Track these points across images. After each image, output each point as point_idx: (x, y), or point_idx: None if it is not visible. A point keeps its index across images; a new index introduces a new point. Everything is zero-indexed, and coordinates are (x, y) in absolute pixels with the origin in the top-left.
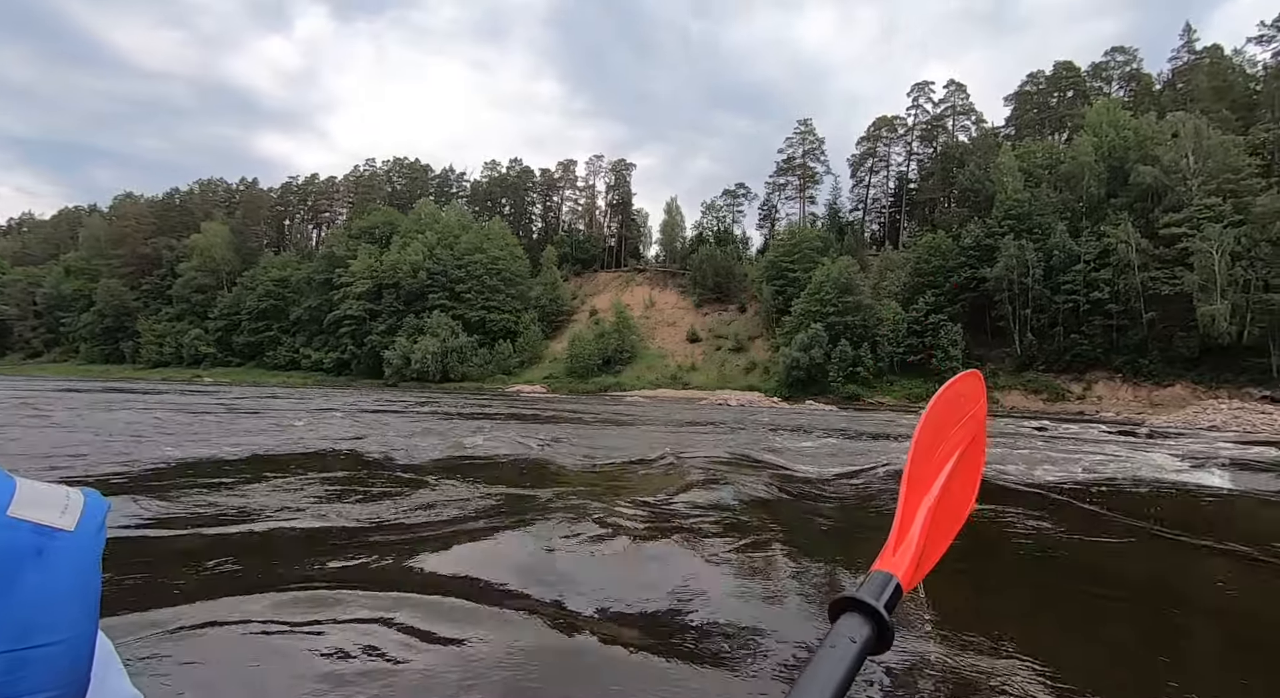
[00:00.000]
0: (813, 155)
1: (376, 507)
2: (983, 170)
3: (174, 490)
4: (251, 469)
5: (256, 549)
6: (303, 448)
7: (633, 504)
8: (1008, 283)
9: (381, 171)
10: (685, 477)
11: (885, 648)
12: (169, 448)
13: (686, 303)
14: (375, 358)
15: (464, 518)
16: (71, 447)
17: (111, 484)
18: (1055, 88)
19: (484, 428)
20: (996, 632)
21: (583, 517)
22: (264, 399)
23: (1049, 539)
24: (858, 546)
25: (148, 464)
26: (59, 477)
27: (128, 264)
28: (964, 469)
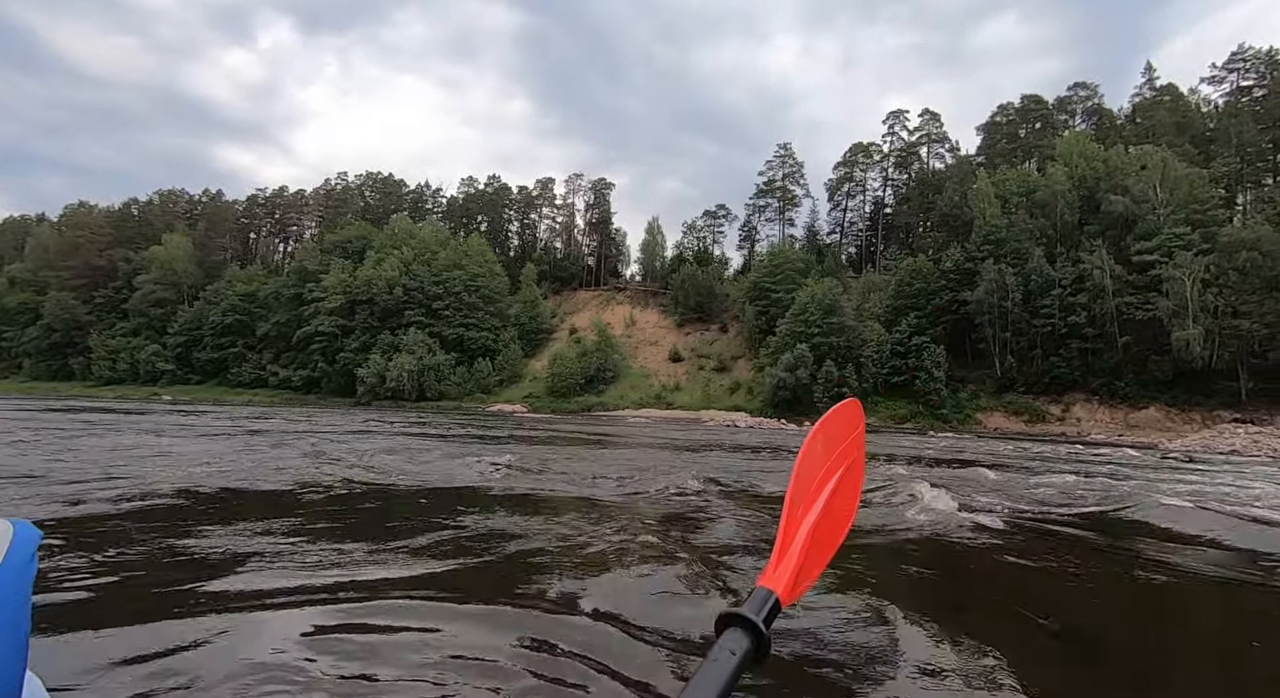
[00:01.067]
0: (792, 178)
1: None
2: (961, 196)
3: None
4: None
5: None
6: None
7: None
8: (988, 306)
9: (354, 185)
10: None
11: (763, 660)
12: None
13: (668, 322)
14: (347, 376)
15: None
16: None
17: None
18: (1024, 119)
19: (486, 452)
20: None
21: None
22: (253, 420)
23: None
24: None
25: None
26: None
27: (80, 276)
28: (844, 490)
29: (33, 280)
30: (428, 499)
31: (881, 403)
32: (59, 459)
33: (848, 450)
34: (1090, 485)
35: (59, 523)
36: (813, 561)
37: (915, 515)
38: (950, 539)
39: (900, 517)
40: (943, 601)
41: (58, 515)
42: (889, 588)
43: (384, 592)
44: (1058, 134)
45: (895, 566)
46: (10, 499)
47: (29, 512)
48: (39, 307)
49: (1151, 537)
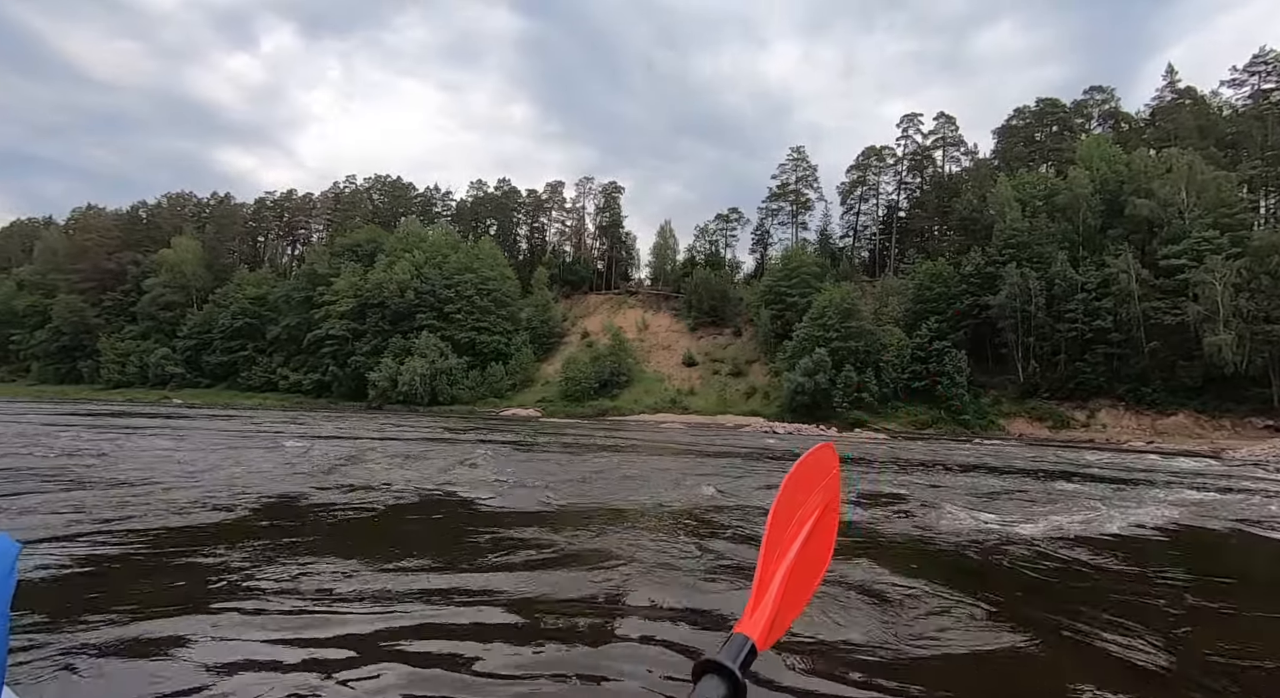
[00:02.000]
0: (805, 182)
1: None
2: (980, 199)
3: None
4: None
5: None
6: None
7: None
8: (1011, 311)
9: (362, 189)
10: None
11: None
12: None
13: (681, 326)
14: (358, 379)
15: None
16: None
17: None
18: (1040, 123)
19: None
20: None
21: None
22: (277, 423)
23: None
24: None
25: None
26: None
27: (88, 279)
28: (819, 534)
29: (41, 283)
30: (506, 524)
31: (902, 408)
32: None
33: (822, 495)
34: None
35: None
36: (788, 606)
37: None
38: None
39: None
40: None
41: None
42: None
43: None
44: (1075, 137)
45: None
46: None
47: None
48: (48, 310)
49: None
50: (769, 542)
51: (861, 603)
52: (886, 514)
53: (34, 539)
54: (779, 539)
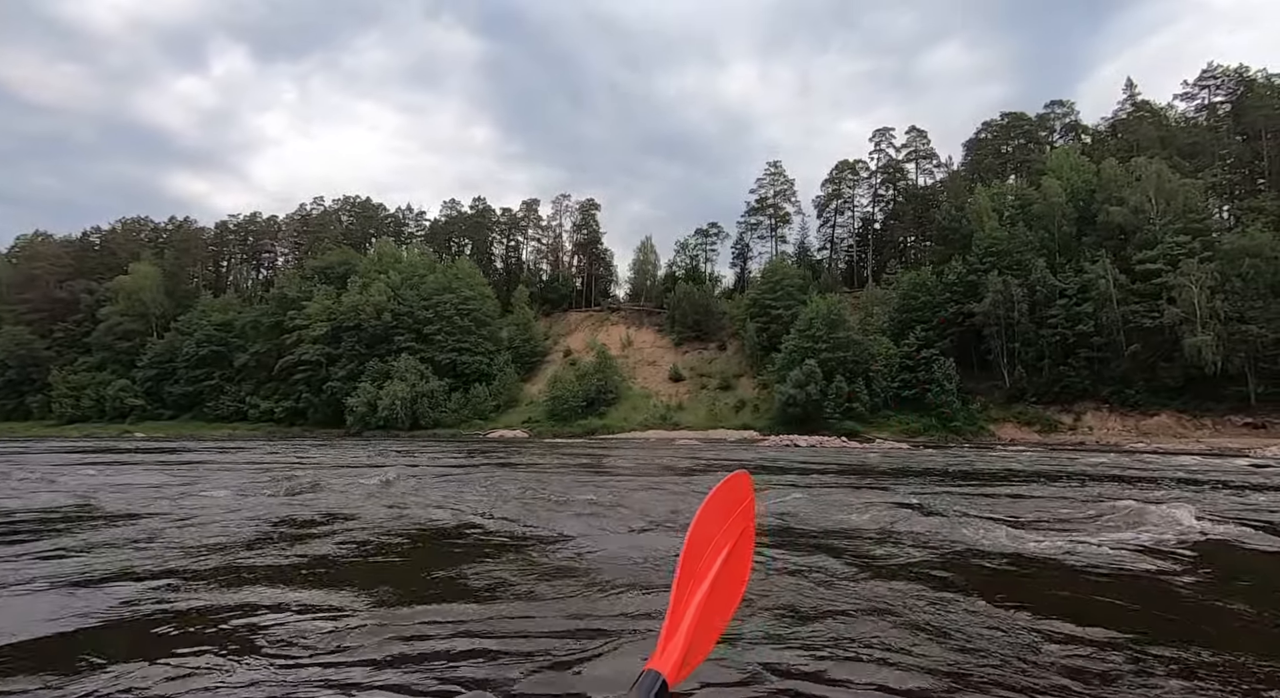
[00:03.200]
0: (783, 196)
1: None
2: (958, 210)
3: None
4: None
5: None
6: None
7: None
8: (995, 318)
9: (332, 210)
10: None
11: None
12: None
13: (665, 341)
14: (335, 405)
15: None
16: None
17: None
18: (1007, 136)
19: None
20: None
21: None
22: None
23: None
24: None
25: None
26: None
27: (37, 309)
28: (734, 563)
29: None
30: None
31: (894, 417)
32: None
33: (737, 522)
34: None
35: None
36: (703, 636)
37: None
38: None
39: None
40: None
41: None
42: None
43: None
44: (1041, 149)
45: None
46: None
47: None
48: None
49: None
50: (682, 574)
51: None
52: (948, 529)
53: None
54: (692, 571)
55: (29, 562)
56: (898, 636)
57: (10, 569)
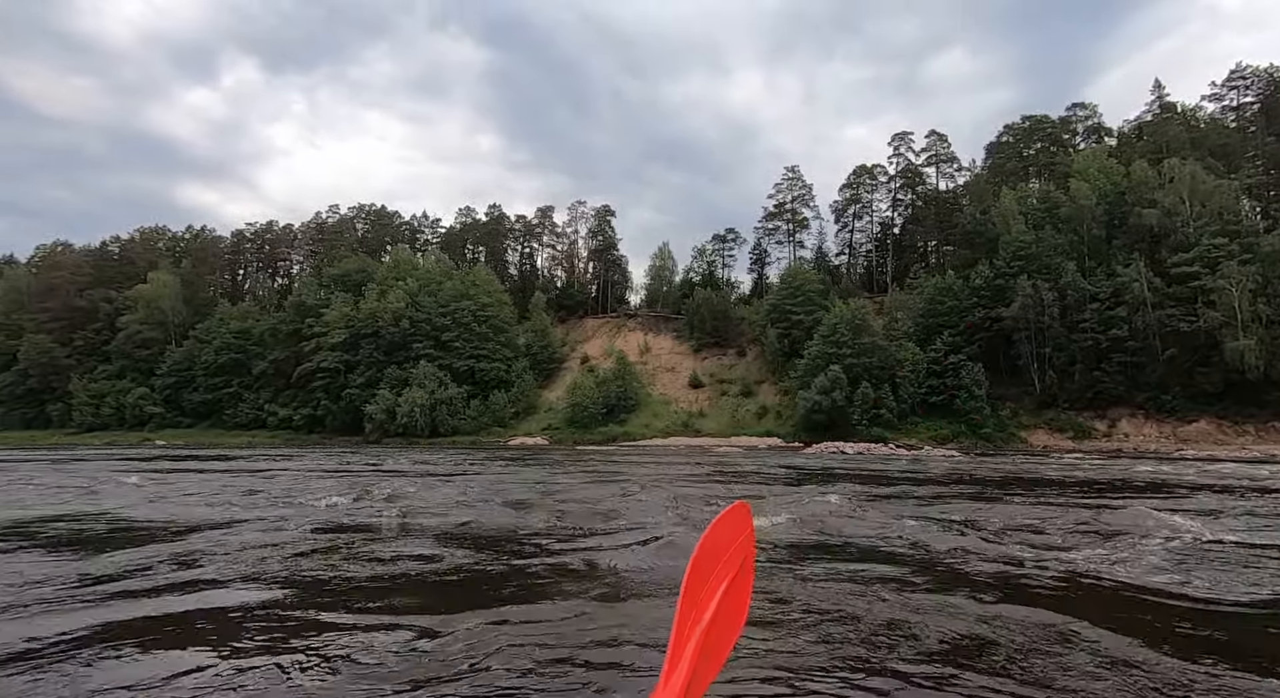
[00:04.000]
0: (801, 201)
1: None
2: (983, 214)
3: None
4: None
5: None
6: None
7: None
8: (1024, 322)
9: (347, 217)
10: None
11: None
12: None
13: (684, 348)
14: (353, 413)
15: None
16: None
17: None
18: (1028, 139)
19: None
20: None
21: None
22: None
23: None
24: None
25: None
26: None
27: (57, 318)
28: (733, 596)
29: (4, 324)
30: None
31: (921, 424)
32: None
33: (737, 553)
34: None
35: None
36: (703, 672)
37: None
38: None
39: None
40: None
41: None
42: None
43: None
44: (1065, 152)
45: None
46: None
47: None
48: (13, 351)
49: None
50: (683, 610)
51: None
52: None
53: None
54: (693, 605)
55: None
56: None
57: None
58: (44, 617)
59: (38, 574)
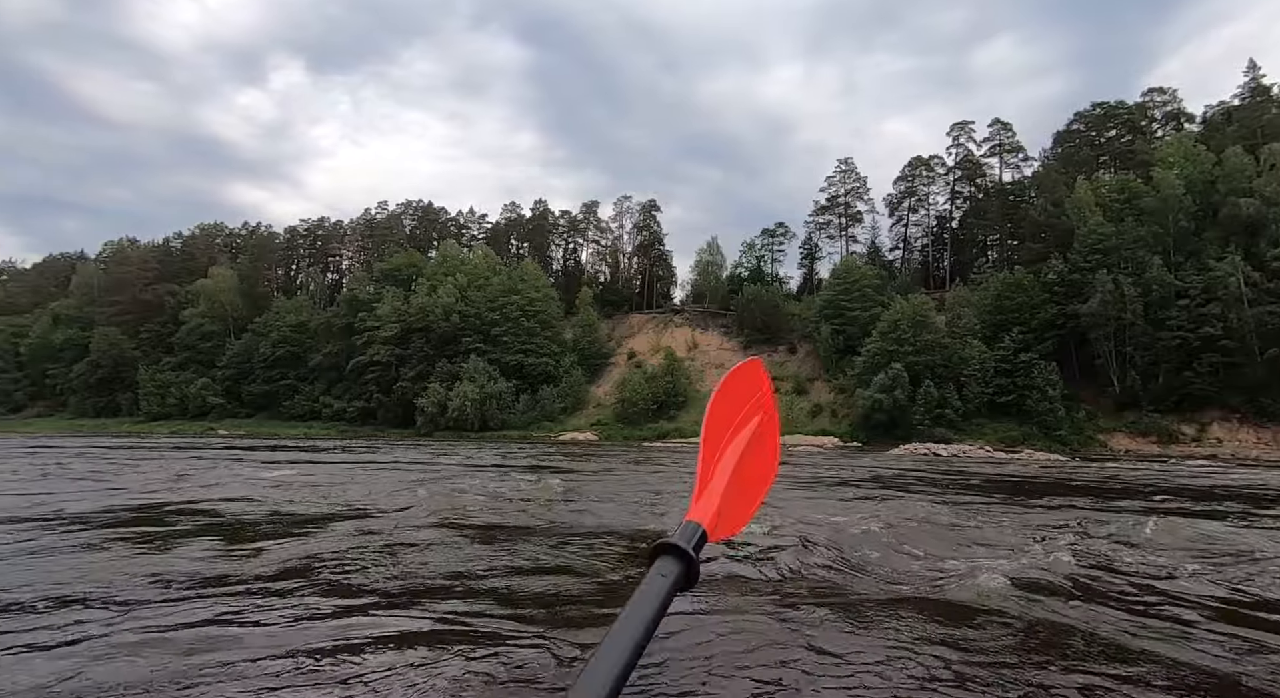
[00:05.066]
0: (855, 194)
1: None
2: (1055, 205)
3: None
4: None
5: None
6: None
7: None
8: (1104, 319)
9: (395, 213)
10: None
11: (693, 584)
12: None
13: (732, 344)
14: (405, 406)
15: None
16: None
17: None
18: (1101, 126)
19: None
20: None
21: None
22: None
23: None
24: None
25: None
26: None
27: (126, 311)
28: (761, 441)
29: (78, 317)
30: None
31: (987, 426)
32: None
33: (757, 405)
34: None
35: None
36: (737, 503)
37: None
38: None
39: None
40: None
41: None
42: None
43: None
44: (1144, 139)
45: None
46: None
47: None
48: (85, 343)
49: None
50: (707, 440)
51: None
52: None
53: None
54: (717, 439)
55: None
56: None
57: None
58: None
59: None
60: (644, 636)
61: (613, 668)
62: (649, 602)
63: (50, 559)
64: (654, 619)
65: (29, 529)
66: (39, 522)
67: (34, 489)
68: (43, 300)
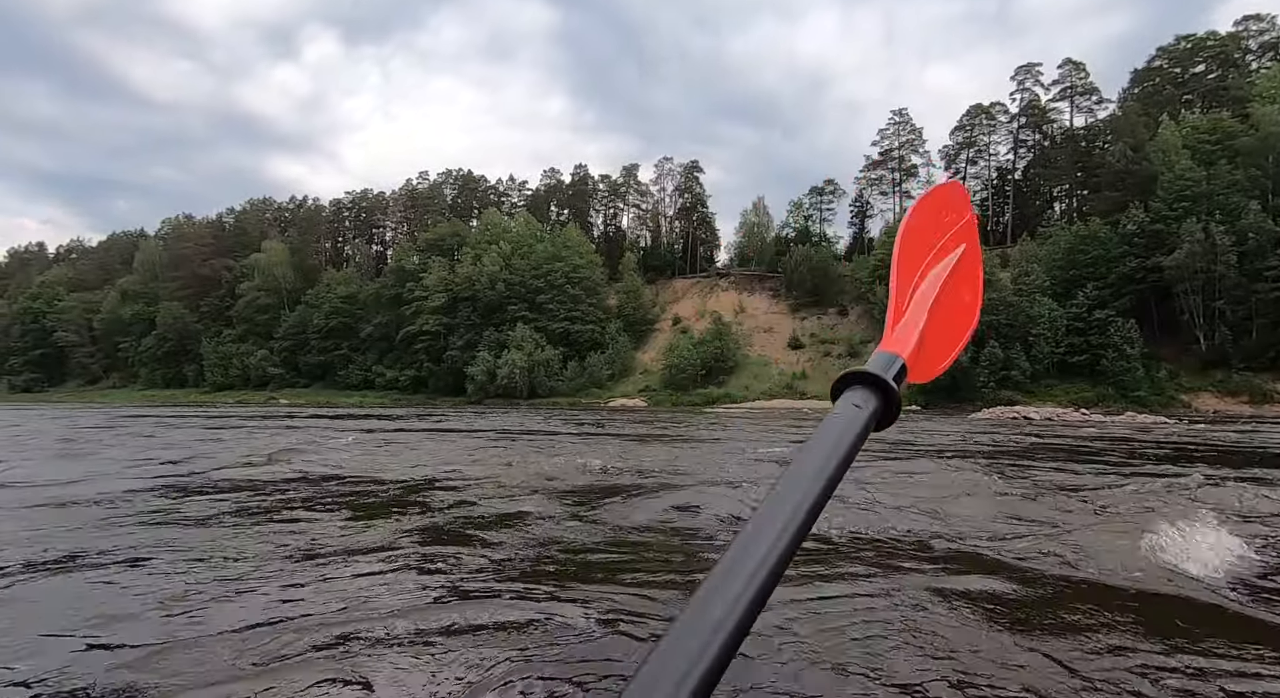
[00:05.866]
0: (910, 147)
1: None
2: (1136, 151)
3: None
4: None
5: None
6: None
7: None
8: (1191, 272)
9: (436, 183)
10: None
11: (891, 422)
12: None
13: (780, 307)
14: (455, 374)
15: None
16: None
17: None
18: (1186, 62)
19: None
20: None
21: None
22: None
23: None
24: None
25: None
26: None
27: (187, 286)
28: (962, 274)
29: (143, 292)
30: None
31: (1057, 387)
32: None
33: (959, 234)
34: None
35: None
36: (938, 338)
37: None
38: None
39: None
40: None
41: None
42: None
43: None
44: (1240, 74)
45: None
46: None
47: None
48: (152, 317)
49: None
50: (901, 265)
51: None
52: None
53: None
54: (912, 265)
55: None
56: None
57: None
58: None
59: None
60: (836, 471)
61: (802, 501)
62: (842, 434)
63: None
64: (848, 454)
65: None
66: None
67: (167, 456)
68: (111, 277)
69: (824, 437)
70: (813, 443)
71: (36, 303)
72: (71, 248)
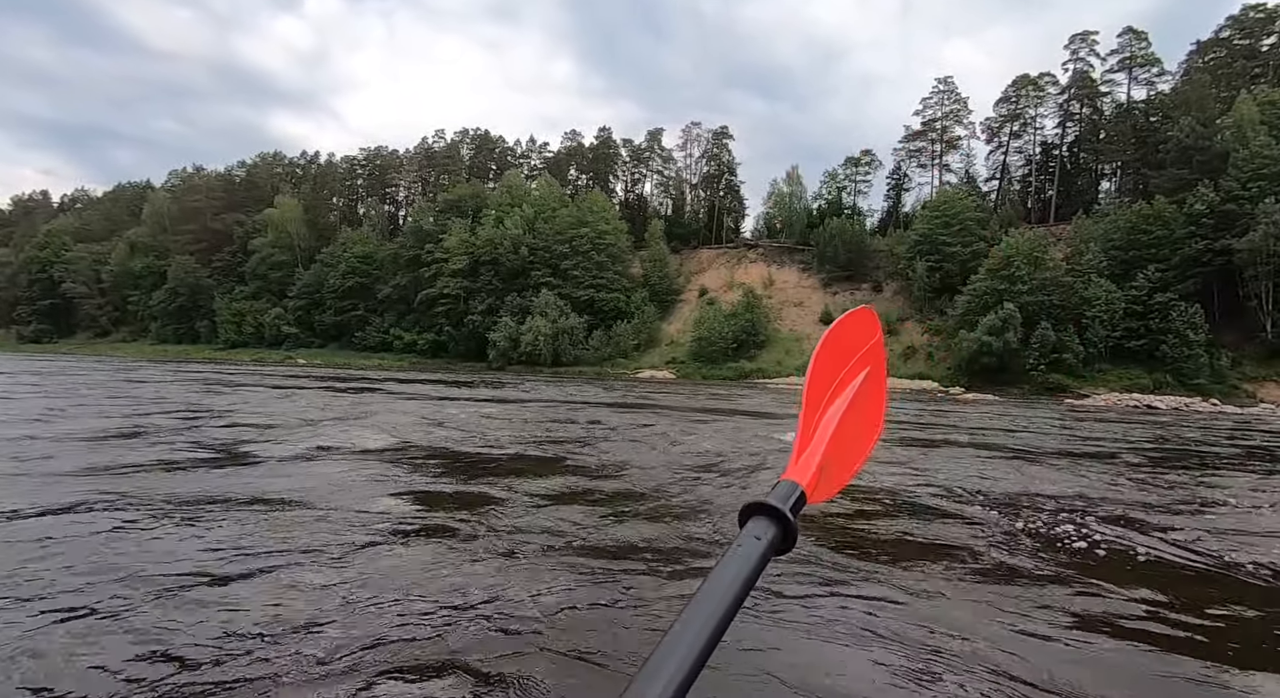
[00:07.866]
0: (954, 117)
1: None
2: (1206, 126)
3: None
4: None
5: None
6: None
7: None
8: (1264, 255)
9: (453, 142)
10: None
11: (789, 548)
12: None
13: (812, 281)
14: (476, 339)
15: None
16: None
17: None
18: (1259, 32)
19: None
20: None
21: None
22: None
23: None
24: None
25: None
26: None
27: (198, 240)
28: (866, 397)
29: (153, 245)
30: None
31: (1111, 372)
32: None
33: (866, 357)
34: None
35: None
36: (838, 463)
37: None
38: None
39: None
40: None
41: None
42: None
43: None
44: None
45: None
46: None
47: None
48: (162, 271)
49: None
50: (809, 394)
51: None
52: None
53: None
54: (820, 394)
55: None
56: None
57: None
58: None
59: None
60: (733, 603)
61: (697, 638)
62: (741, 569)
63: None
64: (746, 585)
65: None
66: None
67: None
68: (118, 228)
69: (726, 568)
70: (716, 573)
71: (44, 252)
72: (76, 198)
